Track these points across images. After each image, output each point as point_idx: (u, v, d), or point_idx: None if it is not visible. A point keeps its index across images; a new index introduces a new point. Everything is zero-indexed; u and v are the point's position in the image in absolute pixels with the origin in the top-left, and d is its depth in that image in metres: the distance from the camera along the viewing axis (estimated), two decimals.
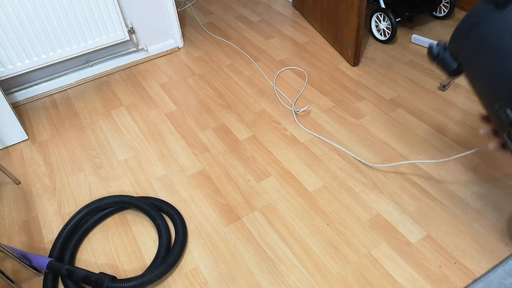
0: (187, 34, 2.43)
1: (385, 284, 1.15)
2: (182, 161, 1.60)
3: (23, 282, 1.24)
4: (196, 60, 2.19)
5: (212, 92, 1.94)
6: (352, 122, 1.69)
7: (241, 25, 2.47)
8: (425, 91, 1.81)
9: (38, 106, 1.96)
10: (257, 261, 1.24)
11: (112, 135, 1.75)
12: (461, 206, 1.33)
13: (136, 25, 2.09)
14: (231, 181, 1.49)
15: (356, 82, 1.91)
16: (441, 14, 2.28)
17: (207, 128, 1.74)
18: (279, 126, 1.71)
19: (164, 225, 1.31)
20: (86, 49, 1.95)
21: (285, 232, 1.31)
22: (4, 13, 1.68)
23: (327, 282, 1.16)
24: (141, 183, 1.52)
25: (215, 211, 1.40)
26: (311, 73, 2.00)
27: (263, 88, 1.94)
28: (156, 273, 1.16)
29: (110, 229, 1.37)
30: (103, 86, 2.06)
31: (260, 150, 1.61)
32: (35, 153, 1.70)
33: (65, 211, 1.45)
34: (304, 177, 1.48)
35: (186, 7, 2.74)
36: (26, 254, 1.23)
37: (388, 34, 2.12)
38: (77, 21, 1.85)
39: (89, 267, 1.27)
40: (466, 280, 1.14)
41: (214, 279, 1.20)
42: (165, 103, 1.90)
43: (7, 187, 1.56)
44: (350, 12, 1.88)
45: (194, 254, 1.27)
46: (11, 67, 1.81)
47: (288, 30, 2.37)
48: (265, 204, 1.40)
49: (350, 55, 2.00)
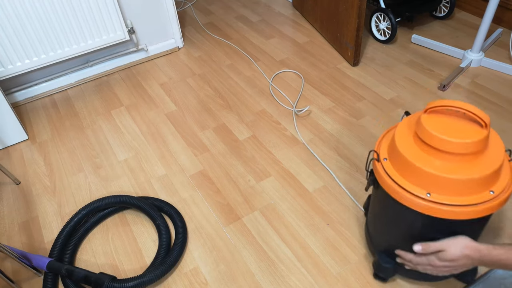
0: (187, 34, 2.43)
1: (384, 284, 1.15)
2: (182, 161, 1.60)
3: (23, 282, 1.24)
4: (196, 60, 2.19)
5: (212, 92, 1.94)
6: (352, 122, 1.69)
7: (241, 25, 2.47)
8: (425, 91, 1.81)
9: (38, 106, 1.96)
10: (257, 261, 1.24)
11: (112, 135, 1.75)
12: None
13: (136, 25, 2.09)
14: (231, 181, 1.49)
15: (356, 82, 1.91)
16: (441, 14, 2.28)
17: (207, 128, 1.74)
18: (279, 126, 1.71)
19: (164, 225, 1.31)
20: (86, 49, 1.95)
21: (285, 232, 1.31)
22: (4, 13, 1.68)
23: (327, 282, 1.16)
24: (141, 183, 1.52)
25: (215, 211, 1.40)
26: (311, 73, 2.00)
27: (263, 88, 1.94)
28: (156, 273, 1.16)
29: (110, 229, 1.37)
30: (103, 86, 2.06)
31: (260, 150, 1.61)
32: (35, 153, 1.70)
33: (65, 211, 1.45)
34: (304, 177, 1.48)
35: (186, 7, 2.74)
36: (26, 254, 1.23)
37: (388, 34, 2.12)
38: (77, 21, 1.85)
39: (89, 267, 1.27)
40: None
41: (214, 279, 1.20)
42: (165, 103, 1.90)
43: (7, 187, 1.56)
44: (350, 12, 1.88)
45: (194, 254, 1.27)
46: (11, 67, 1.81)
47: (288, 30, 2.37)
48: (265, 204, 1.40)
49: (350, 55, 2.00)
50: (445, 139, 0.83)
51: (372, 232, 1.15)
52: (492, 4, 1.73)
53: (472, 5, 2.31)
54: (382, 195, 0.99)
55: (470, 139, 0.83)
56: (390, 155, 0.95)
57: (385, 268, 1.09)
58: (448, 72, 1.91)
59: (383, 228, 1.07)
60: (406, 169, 0.89)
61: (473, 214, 0.84)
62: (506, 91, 1.77)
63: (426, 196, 0.86)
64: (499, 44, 2.06)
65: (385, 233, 1.06)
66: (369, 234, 1.18)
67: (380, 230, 1.09)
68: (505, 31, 2.14)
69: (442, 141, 0.84)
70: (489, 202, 0.84)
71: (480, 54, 1.91)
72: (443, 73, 1.90)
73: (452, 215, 0.85)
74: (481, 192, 0.86)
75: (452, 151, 0.84)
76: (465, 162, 0.85)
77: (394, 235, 1.03)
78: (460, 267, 0.89)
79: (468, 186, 0.84)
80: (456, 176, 0.83)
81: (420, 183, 0.87)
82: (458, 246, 0.87)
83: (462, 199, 0.84)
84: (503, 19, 2.17)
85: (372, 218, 1.13)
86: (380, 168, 0.95)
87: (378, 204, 1.06)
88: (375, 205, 1.09)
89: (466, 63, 1.90)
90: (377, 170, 0.96)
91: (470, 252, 0.85)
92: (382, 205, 1.02)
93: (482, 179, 0.84)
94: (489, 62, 1.90)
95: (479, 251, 0.84)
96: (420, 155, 0.88)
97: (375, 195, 1.06)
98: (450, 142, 0.83)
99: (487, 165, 0.85)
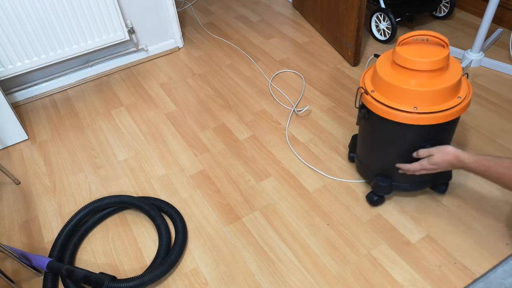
0: (187, 34, 2.43)
1: (385, 284, 1.15)
2: (182, 161, 1.60)
3: (23, 282, 1.24)
4: (196, 60, 2.19)
5: (212, 92, 1.94)
6: (352, 122, 1.69)
7: (241, 25, 2.47)
8: None
9: (38, 106, 1.96)
10: (257, 261, 1.24)
11: (112, 135, 1.75)
12: (461, 206, 1.33)
13: (136, 25, 2.09)
14: (231, 181, 1.49)
15: (356, 82, 1.91)
16: (441, 14, 2.28)
17: (207, 128, 1.74)
18: (279, 126, 1.71)
19: (164, 225, 1.31)
20: (86, 49, 1.95)
21: (285, 232, 1.31)
22: (4, 13, 1.68)
23: (327, 282, 1.16)
24: (141, 183, 1.52)
25: (215, 211, 1.40)
26: (311, 73, 2.00)
27: (263, 88, 1.94)
28: (156, 273, 1.16)
29: (110, 229, 1.37)
30: (103, 86, 2.06)
31: (260, 150, 1.61)
32: (35, 153, 1.70)
33: (65, 211, 1.45)
34: (304, 177, 1.48)
35: (186, 7, 2.74)
36: (26, 254, 1.23)
37: (388, 34, 2.12)
38: (77, 21, 1.85)
39: (89, 267, 1.27)
40: (466, 280, 1.14)
41: (214, 279, 1.20)
42: (165, 103, 1.90)
43: (7, 187, 1.56)
44: (350, 12, 1.88)
45: (194, 254, 1.27)
46: (11, 67, 1.81)
47: (288, 30, 2.37)
48: (265, 204, 1.40)
49: (350, 55, 2.00)
50: (418, 60, 1.05)
51: (367, 161, 1.34)
52: (492, 4, 1.73)
53: (472, 5, 2.31)
54: (376, 122, 1.19)
55: (437, 57, 1.05)
56: (376, 86, 1.15)
57: (384, 187, 1.28)
58: None
59: (379, 153, 1.26)
60: (393, 93, 1.10)
61: (450, 116, 1.08)
62: (506, 91, 1.77)
63: (414, 109, 1.08)
64: (499, 44, 2.06)
65: (382, 156, 1.26)
66: (362, 165, 1.37)
67: (376, 155, 1.28)
68: (505, 31, 2.14)
69: (416, 62, 1.06)
70: (460, 105, 1.09)
71: (480, 54, 1.90)
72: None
73: (435, 120, 1.08)
74: (452, 99, 1.09)
75: (425, 69, 1.06)
76: (436, 77, 1.08)
77: (390, 154, 1.23)
78: (442, 169, 1.15)
79: (443, 95, 1.07)
80: (434, 88, 1.06)
81: (407, 101, 1.09)
82: (443, 151, 1.12)
83: (441, 106, 1.07)
84: (503, 19, 2.17)
85: (366, 149, 1.32)
86: (370, 99, 1.15)
87: (371, 133, 1.25)
88: (367, 136, 1.28)
89: (466, 63, 1.90)
90: (368, 101, 1.16)
91: (450, 157, 1.11)
92: (377, 131, 1.21)
93: (452, 87, 1.07)
94: (489, 62, 1.90)
95: (456, 156, 1.10)
96: (401, 78, 1.09)
97: (367, 126, 1.25)
98: (422, 62, 1.05)
99: (452, 76, 1.09)
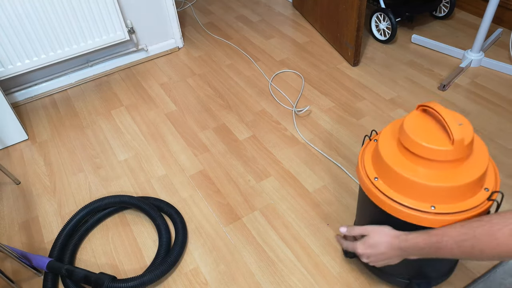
0: (187, 34, 2.43)
1: (385, 284, 1.15)
2: (182, 161, 1.60)
3: (23, 282, 1.24)
4: (196, 60, 2.19)
5: (212, 92, 1.94)
6: (352, 122, 1.69)
7: (241, 25, 2.47)
8: (425, 91, 1.81)
9: (38, 106, 1.96)
10: (257, 261, 1.24)
11: (112, 135, 1.75)
12: None
13: (136, 25, 2.09)
14: (231, 181, 1.49)
15: (356, 82, 1.91)
16: (441, 14, 2.28)
17: (207, 128, 1.74)
18: (279, 126, 1.71)
19: (164, 225, 1.31)
20: (86, 49, 1.95)
21: (285, 232, 1.31)
22: (4, 13, 1.68)
23: (327, 282, 1.16)
24: (141, 183, 1.52)
25: (215, 211, 1.40)
26: (311, 73, 2.00)
27: (263, 88, 1.94)
28: (156, 273, 1.16)
29: (110, 229, 1.37)
30: (103, 86, 2.06)
31: (260, 150, 1.61)
32: (35, 153, 1.70)
33: (65, 211, 1.45)
34: (304, 177, 1.48)
35: (186, 7, 2.74)
36: (26, 254, 1.23)
37: (388, 34, 2.12)
38: (77, 21, 1.85)
39: (89, 267, 1.27)
40: (466, 280, 1.14)
41: (214, 279, 1.20)
42: (165, 103, 1.90)
43: (7, 187, 1.56)
44: (350, 12, 1.89)
45: (194, 254, 1.27)
46: (11, 67, 1.81)
47: (288, 30, 2.37)
48: (265, 204, 1.40)
49: (350, 55, 2.00)
50: (435, 149, 0.82)
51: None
52: (492, 4, 1.73)
53: (472, 5, 2.31)
54: (379, 214, 0.93)
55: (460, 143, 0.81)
56: (381, 174, 0.91)
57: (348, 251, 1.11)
58: (448, 72, 1.91)
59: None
60: (404, 186, 0.86)
61: (475, 214, 0.84)
62: (506, 91, 1.77)
63: (431, 209, 0.84)
64: (499, 44, 2.06)
65: None
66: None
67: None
68: (505, 31, 2.14)
69: (433, 151, 0.83)
70: (489, 202, 0.85)
71: (480, 54, 1.91)
72: (443, 73, 1.91)
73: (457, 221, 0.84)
74: (478, 192, 0.86)
75: (446, 159, 0.83)
76: (458, 166, 0.85)
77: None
78: (386, 257, 0.89)
79: (469, 189, 0.84)
80: (456, 183, 0.82)
81: (423, 198, 0.85)
82: (380, 232, 0.89)
83: (465, 204, 0.84)
84: (503, 19, 2.17)
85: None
86: (374, 189, 0.91)
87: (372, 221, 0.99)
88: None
89: (466, 63, 1.90)
90: (371, 191, 0.91)
91: (390, 239, 0.87)
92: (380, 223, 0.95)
93: (478, 180, 0.84)
94: (489, 62, 1.90)
95: (397, 236, 0.86)
96: (414, 168, 0.86)
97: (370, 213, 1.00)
98: (441, 151, 0.82)
99: (478, 161, 0.86)
